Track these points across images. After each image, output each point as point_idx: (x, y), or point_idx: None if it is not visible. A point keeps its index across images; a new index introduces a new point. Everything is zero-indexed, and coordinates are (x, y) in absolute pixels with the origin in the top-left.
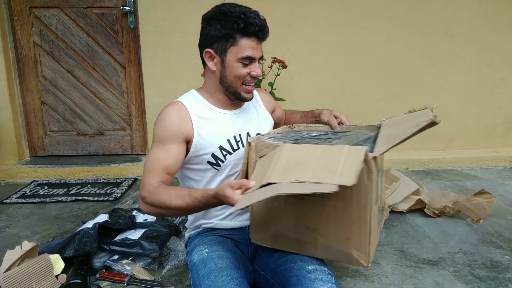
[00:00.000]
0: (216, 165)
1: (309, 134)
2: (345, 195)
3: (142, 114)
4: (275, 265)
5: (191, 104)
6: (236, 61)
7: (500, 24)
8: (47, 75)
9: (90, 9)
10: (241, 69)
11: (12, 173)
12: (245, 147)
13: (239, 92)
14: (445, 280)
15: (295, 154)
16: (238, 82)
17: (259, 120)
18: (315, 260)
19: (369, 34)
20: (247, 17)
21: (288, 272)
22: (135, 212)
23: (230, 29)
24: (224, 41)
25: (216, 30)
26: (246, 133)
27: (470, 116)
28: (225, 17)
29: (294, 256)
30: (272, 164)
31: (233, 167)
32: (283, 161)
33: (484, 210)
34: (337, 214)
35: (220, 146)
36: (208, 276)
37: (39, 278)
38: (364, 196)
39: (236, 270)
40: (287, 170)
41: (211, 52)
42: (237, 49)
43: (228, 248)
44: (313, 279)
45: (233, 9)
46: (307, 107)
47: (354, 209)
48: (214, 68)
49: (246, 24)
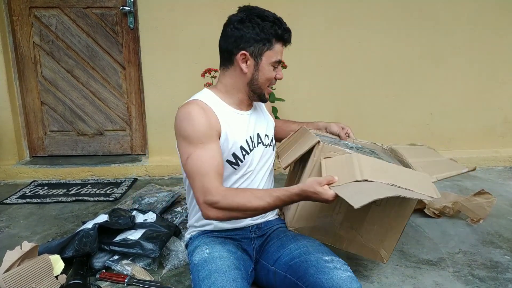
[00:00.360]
0: (235, 164)
1: (344, 142)
2: (393, 206)
3: (142, 114)
4: (287, 258)
5: (211, 102)
6: (269, 64)
7: (500, 24)
8: (47, 75)
9: (90, 9)
10: (271, 72)
11: (12, 173)
12: (309, 141)
13: (264, 93)
14: (445, 280)
15: (373, 163)
16: (266, 84)
17: (266, 121)
18: (329, 252)
19: (369, 35)
20: (281, 23)
21: (304, 263)
22: (135, 213)
23: (268, 34)
24: (262, 44)
25: (254, 33)
26: (257, 133)
27: (470, 116)
28: (262, 20)
29: (308, 248)
30: (355, 166)
31: (249, 166)
32: (366, 166)
33: (484, 211)
34: (381, 220)
35: (241, 146)
36: (208, 277)
37: (39, 279)
38: (408, 210)
39: (236, 271)
40: (376, 174)
41: (247, 54)
42: (272, 53)
43: (229, 249)
44: (332, 268)
45: (266, 13)
46: (307, 107)
47: (397, 219)
48: (246, 70)
49: (282, 30)
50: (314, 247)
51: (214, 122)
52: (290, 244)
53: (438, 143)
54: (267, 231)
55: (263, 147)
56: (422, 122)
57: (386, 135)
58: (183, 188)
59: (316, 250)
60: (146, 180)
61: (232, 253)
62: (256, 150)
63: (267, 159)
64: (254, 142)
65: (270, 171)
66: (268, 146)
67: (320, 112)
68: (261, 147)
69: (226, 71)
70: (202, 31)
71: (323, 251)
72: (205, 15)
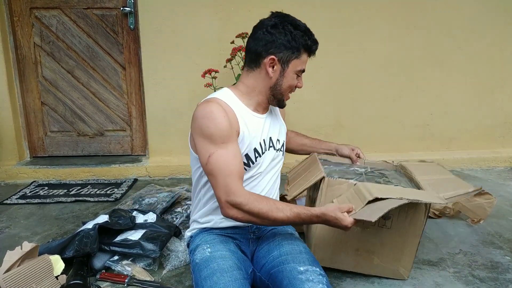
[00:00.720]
0: (246, 165)
1: (353, 168)
2: (404, 226)
3: (142, 114)
4: (269, 266)
5: (231, 102)
6: (293, 72)
7: (500, 25)
8: (47, 76)
9: (90, 10)
10: (294, 80)
11: (12, 173)
12: (318, 182)
13: (283, 99)
14: (446, 281)
15: (379, 187)
16: (288, 91)
17: (279, 126)
18: (308, 261)
19: (370, 36)
20: (311, 34)
21: (280, 274)
22: (135, 213)
23: (299, 43)
24: (291, 52)
25: (286, 40)
26: (269, 137)
27: (470, 117)
28: (294, 29)
29: (287, 257)
30: (363, 192)
31: (258, 168)
32: (374, 189)
33: (484, 211)
34: (395, 241)
35: (255, 147)
36: (210, 276)
37: (39, 279)
38: (419, 228)
39: (238, 271)
40: (384, 193)
41: (275, 59)
42: (298, 62)
43: (230, 249)
44: (304, 280)
45: (298, 23)
46: (308, 107)
47: (409, 238)
48: (272, 74)
49: (311, 41)
50: (293, 255)
51: (234, 122)
52: (274, 250)
53: (438, 143)
54: (262, 233)
55: (274, 151)
56: (422, 123)
57: (387, 135)
58: (183, 188)
59: (294, 259)
60: (146, 180)
61: (233, 252)
62: (268, 153)
63: (276, 163)
64: (266, 145)
65: (277, 176)
66: (279, 151)
67: (321, 113)
68: (272, 151)
69: (251, 72)
70: (203, 32)
71: (300, 261)
72: (206, 16)
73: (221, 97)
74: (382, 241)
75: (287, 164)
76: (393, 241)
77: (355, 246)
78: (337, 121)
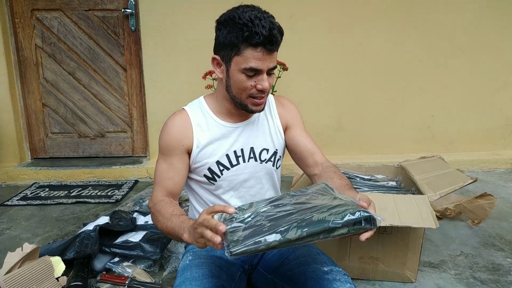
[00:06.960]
0: (212, 179)
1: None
2: (405, 229)
3: (143, 116)
4: (285, 269)
5: (195, 113)
6: (239, 71)
7: (501, 27)
8: (48, 77)
9: (91, 11)
10: (246, 81)
11: (13, 175)
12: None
13: (246, 104)
14: (447, 283)
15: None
16: (243, 95)
17: (270, 134)
18: (329, 261)
19: (370, 37)
20: (254, 25)
21: (302, 275)
22: (136, 215)
23: (234, 37)
24: (229, 49)
25: (223, 37)
26: (250, 147)
27: (471, 119)
28: (232, 23)
29: (306, 258)
30: None
31: (230, 182)
32: None
33: (485, 211)
34: (397, 245)
35: (218, 160)
36: (180, 285)
37: (39, 280)
38: (420, 230)
39: (210, 279)
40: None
41: (218, 58)
42: (241, 59)
43: (213, 255)
44: (331, 280)
45: (242, 15)
46: (308, 108)
47: (411, 240)
48: (220, 75)
49: (250, 33)
50: (313, 256)
51: (186, 136)
52: (287, 254)
53: (439, 145)
54: None
55: (256, 163)
56: (423, 125)
57: (388, 137)
58: (183, 190)
59: (314, 260)
60: (147, 182)
61: (215, 258)
62: (243, 166)
63: (262, 175)
64: (241, 156)
65: (267, 189)
66: (266, 162)
67: (322, 115)
68: (252, 163)
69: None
70: (204, 34)
71: (322, 261)
72: (207, 17)
73: (189, 109)
74: (384, 247)
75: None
76: (396, 245)
77: (358, 254)
78: (338, 123)
